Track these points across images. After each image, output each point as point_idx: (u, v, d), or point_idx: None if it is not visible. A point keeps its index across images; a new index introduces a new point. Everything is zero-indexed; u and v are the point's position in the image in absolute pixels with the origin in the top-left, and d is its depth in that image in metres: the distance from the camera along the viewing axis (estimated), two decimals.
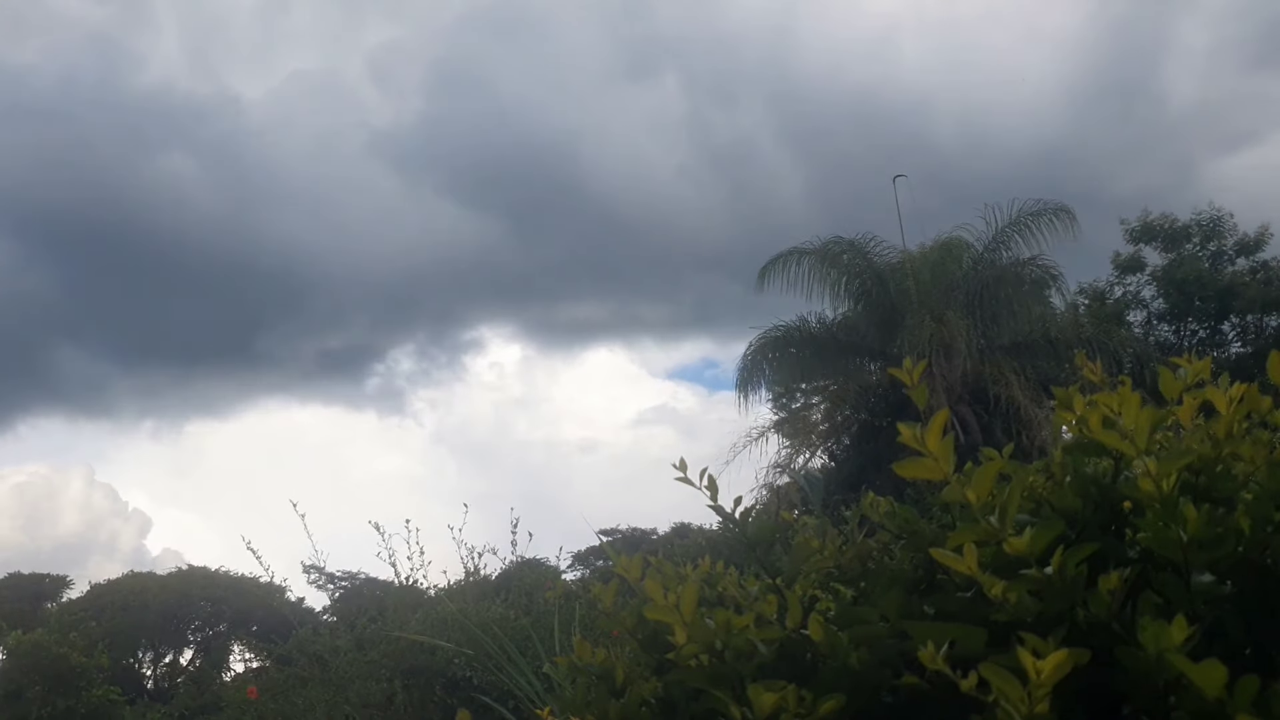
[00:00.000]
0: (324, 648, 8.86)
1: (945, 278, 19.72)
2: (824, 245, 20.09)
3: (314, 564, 14.59)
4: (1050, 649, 1.07)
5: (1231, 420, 1.35)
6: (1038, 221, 19.44)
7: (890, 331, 19.31)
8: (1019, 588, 1.21)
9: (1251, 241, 24.85)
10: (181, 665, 30.95)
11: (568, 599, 6.71)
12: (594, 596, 1.84)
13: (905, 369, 1.51)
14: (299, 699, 8.60)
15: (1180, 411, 1.43)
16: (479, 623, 6.60)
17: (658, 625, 1.51)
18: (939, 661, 1.15)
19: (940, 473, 1.30)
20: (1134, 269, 25.38)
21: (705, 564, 1.82)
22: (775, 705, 1.26)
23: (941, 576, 1.39)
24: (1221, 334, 25.31)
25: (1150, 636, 1.10)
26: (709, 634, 1.39)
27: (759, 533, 1.71)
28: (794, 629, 1.42)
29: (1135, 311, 25.43)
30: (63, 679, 12.84)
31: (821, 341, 20.52)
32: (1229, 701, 1.05)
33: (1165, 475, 1.25)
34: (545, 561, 12.51)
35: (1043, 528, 1.24)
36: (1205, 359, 1.52)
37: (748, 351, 20.30)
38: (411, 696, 7.73)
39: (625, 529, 32.05)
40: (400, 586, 9.38)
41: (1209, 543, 1.23)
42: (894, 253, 20.04)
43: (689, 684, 1.43)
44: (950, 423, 1.35)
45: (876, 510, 1.75)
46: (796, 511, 11.26)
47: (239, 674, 25.43)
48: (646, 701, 1.54)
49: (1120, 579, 1.19)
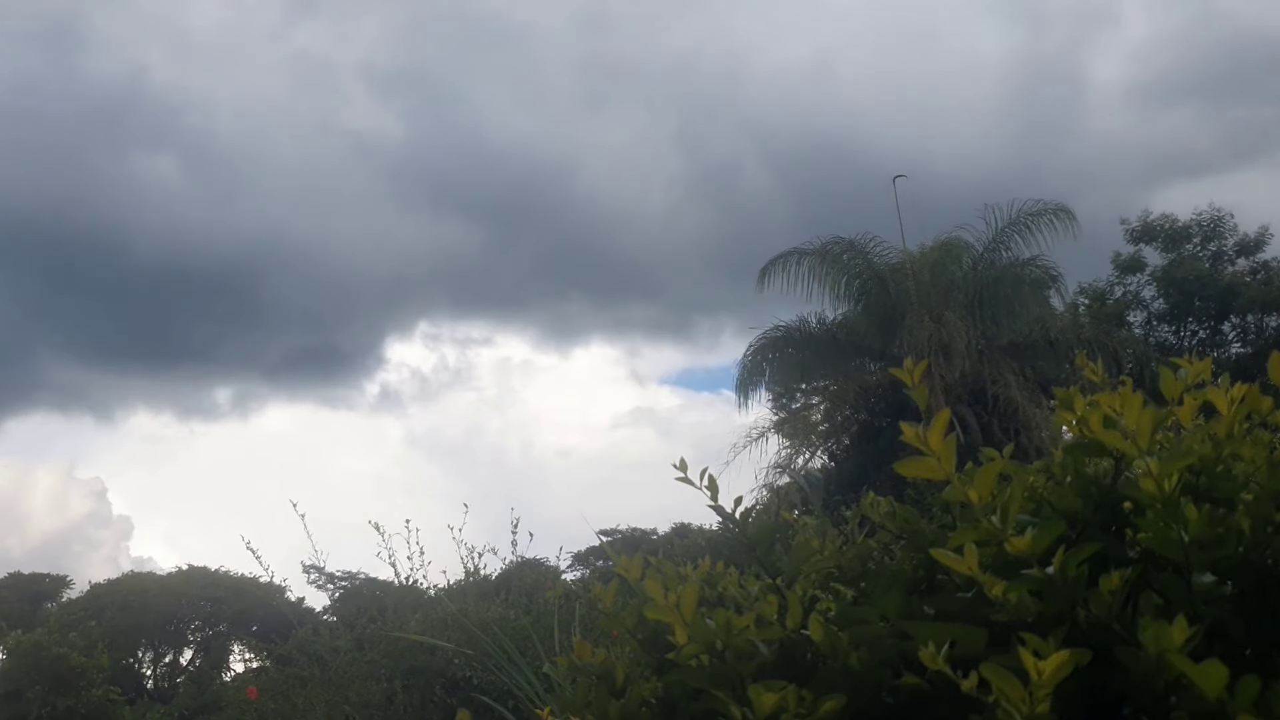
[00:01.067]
0: (324, 648, 8.86)
1: (945, 278, 19.74)
2: (823, 245, 20.11)
3: (314, 564, 14.60)
4: (1051, 649, 1.07)
5: (1232, 421, 1.36)
6: (1037, 222, 19.47)
7: (890, 332, 19.33)
8: (1020, 588, 1.21)
9: (1252, 242, 24.87)
10: (181, 665, 30.98)
11: (568, 599, 6.71)
12: (594, 596, 1.83)
13: (906, 369, 1.51)
14: (299, 699, 8.60)
15: (1181, 412, 1.43)
16: (479, 623, 6.60)
17: (658, 625, 1.51)
18: (939, 662, 1.15)
19: (942, 472, 1.30)
20: (1134, 269, 25.38)
21: (705, 564, 1.82)
22: (775, 705, 1.26)
23: (942, 577, 1.39)
24: (1222, 334, 25.32)
25: (1151, 637, 1.10)
26: (709, 634, 1.39)
27: (759, 533, 1.70)
28: (794, 629, 1.42)
29: (1135, 312, 25.45)
30: (62, 679, 12.85)
31: (821, 342, 20.54)
32: (1229, 702, 1.05)
33: (1166, 475, 1.25)
34: (545, 561, 12.53)
35: (1044, 528, 1.24)
36: (1206, 359, 1.52)
37: (747, 352, 20.34)
38: (411, 697, 7.73)
39: (625, 529, 32.01)
40: (400, 586, 9.39)
41: (1210, 543, 1.23)
42: (894, 253, 20.07)
43: (689, 684, 1.43)
44: (950, 423, 1.35)
45: (877, 510, 1.75)
46: (796, 512, 11.24)
47: (239, 674, 25.51)
48: (646, 702, 1.54)
49: (1121, 579, 1.19)
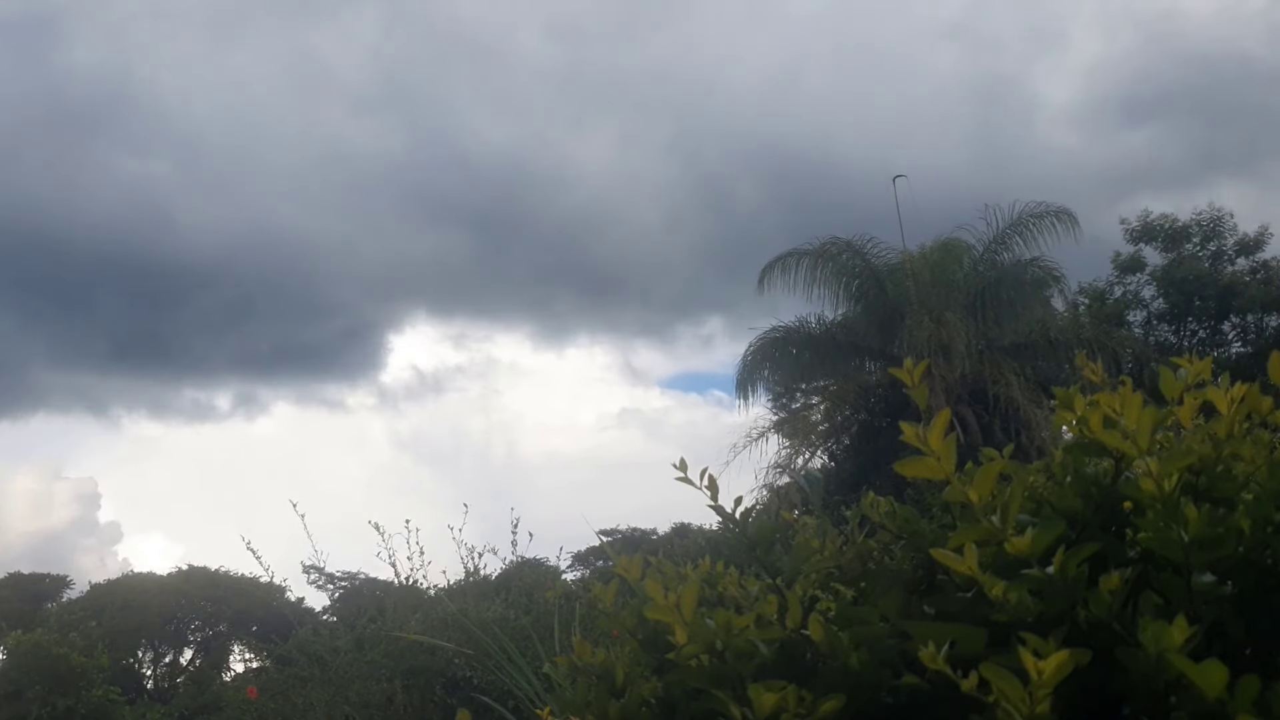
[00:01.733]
0: (324, 648, 8.86)
1: (945, 278, 19.73)
2: (823, 246, 20.10)
3: (314, 564, 14.59)
4: (1051, 649, 1.07)
5: (1232, 421, 1.35)
6: (1038, 223, 19.46)
7: (890, 332, 19.33)
8: (1019, 588, 1.21)
9: (1251, 241, 24.86)
10: (181, 665, 30.98)
11: (568, 599, 6.71)
12: (594, 596, 1.83)
13: (906, 369, 1.51)
14: (299, 699, 8.60)
15: (1181, 412, 1.43)
16: (479, 623, 6.60)
17: (658, 625, 1.51)
18: (939, 662, 1.15)
19: (942, 472, 1.30)
20: (1134, 269, 25.38)
21: (705, 564, 1.82)
22: (775, 705, 1.26)
23: (942, 577, 1.39)
24: (1221, 334, 25.30)
25: (1151, 637, 1.10)
26: (709, 634, 1.39)
27: (759, 533, 1.70)
28: (794, 629, 1.42)
29: (1135, 312, 25.44)
30: (63, 679, 12.86)
31: (821, 342, 20.53)
32: (1229, 702, 1.05)
33: (1166, 475, 1.25)
34: (545, 562, 12.53)
35: (1044, 528, 1.24)
36: (1205, 359, 1.52)
37: (747, 352, 20.34)
38: (411, 697, 7.73)
39: (625, 529, 32.01)
40: (400, 586, 9.39)
41: (1210, 543, 1.23)
42: (893, 253, 20.06)
43: (689, 684, 1.43)
44: (950, 423, 1.35)
45: (876, 510, 1.75)
46: (796, 512, 11.25)
47: (239, 674, 25.51)
48: (646, 702, 1.54)
49: (1121, 579, 1.19)
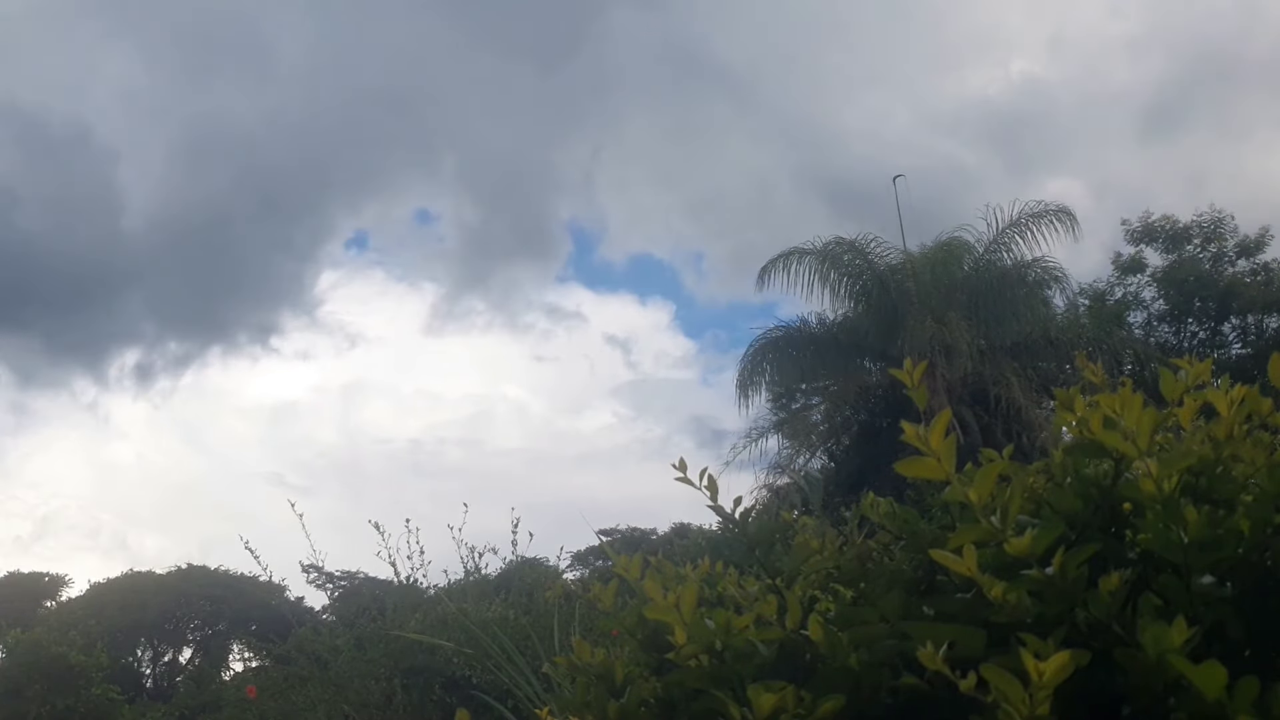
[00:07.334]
0: (323, 647, 8.87)
1: (946, 278, 19.71)
2: (824, 246, 20.09)
3: (313, 563, 14.57)
4: (1051, 650, 1.07)
5: (1232, 422, 1.36)
6: (1038, 223, 19.46)
7: (891, 332, 19.31)
8: (1019, 589, 1.21)
9: (1252, 242, 24.83)
10: (181, 664, 30.98)
11: (567, 599, 6.71)
12: (594, 596, 1.83)
13: (906, 370, 1.51)
14: (298, 698, 8.60)
15: (1181, 413, 1.43)
16: (478, 622, 6.60)
17: (658, 625, 1.51)
18: (939, 662, 1.15)
19: (942, 473, 1.30)
20: (1135, 270, 25.37)
21: (705, 564, 1.82)
22: (775, 706, 1.26)
23: (941, 577, 1.39)
24: (1222, 335, 25.28)
25: (1150, 638, 1.10)
26: (709, 634, 1.39)
27: (759, 533, 1.70)
28: (794, 629, 1.42)
29: (1136, 312, 25.42)
30: (62, 678, 12.84)
31: (822, 342, 20.52)
32: (1229, 703, 1.05)
33: (1166, 477, 1.25)
34: (545, 561, 12.53)
35: (1043, 529, 1.24)
36: (1206, 360, 1.52)
37: (748, 352, 20.33)
38: (411, 696, 7.74)
39: (625, 529, 32.01)
40: (400, 586, 9.39)
41: (1209, 544, 1.23)
42: (895, 253, 20.05)
43: (689, 684, 1.43)
44: (950, 423, 1.35)
45: (876, 511, 1.75)
46: (796, 512, 11.24)
47: (238, 673, 25.48)
48: (646, 701, 1.54)
49: (1120, 580, 1.19)
